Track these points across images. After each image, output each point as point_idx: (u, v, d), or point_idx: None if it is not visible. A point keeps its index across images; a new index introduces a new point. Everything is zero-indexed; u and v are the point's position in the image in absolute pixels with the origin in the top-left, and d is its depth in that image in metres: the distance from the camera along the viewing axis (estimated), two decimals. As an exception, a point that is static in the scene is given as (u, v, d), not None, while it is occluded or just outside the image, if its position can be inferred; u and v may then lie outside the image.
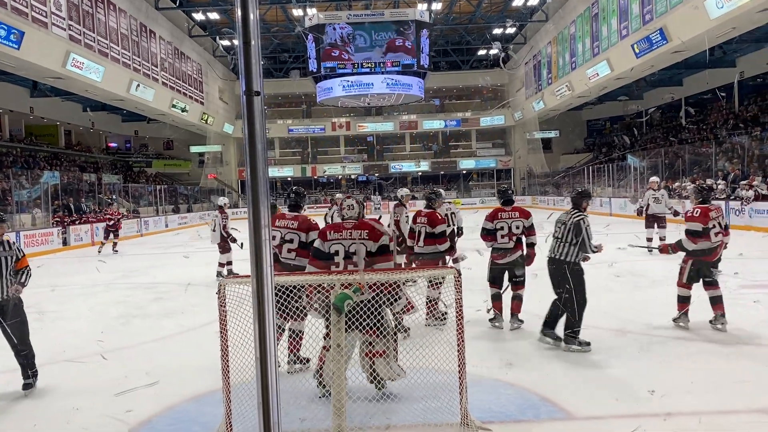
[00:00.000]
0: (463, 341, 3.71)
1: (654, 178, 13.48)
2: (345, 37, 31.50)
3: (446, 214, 8.01)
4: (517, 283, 6.36)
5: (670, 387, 4.44)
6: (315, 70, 32.48)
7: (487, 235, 6.37)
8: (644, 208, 12.69)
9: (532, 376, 4.86)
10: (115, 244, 17.28)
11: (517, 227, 6.28)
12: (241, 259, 12.32)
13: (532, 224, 6.38)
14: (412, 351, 4.06)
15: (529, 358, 5.42)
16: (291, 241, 5.22)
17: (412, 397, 4.16)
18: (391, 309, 4.18)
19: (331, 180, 45.07)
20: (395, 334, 4.36)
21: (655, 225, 12.44)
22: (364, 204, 4.83)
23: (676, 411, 4.01)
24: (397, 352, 4.31)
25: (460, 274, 3.80)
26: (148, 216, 28.03)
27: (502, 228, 6.29)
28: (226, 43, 35.58)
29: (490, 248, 6.44)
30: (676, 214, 12.04)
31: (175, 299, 9.11)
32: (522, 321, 6.39)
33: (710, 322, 6.15)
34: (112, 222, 17.30)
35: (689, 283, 6.18)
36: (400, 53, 31.77)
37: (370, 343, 4.17)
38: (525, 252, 6.38)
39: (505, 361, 5.26)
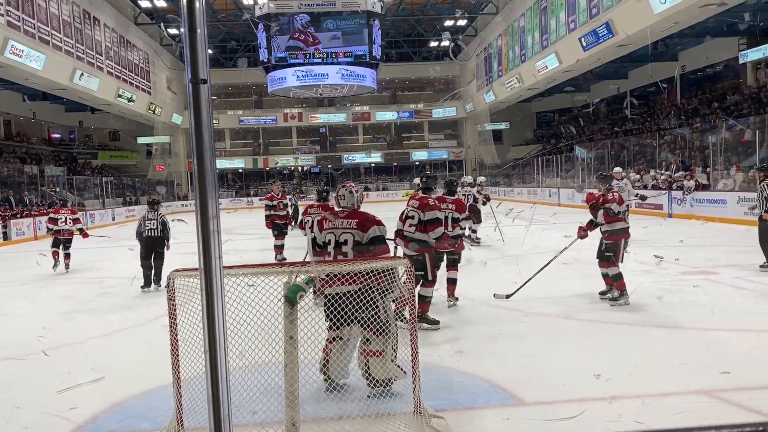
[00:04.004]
0: (416, 331, 3.75)
1: (617, 169, 14.28)
2: (305, 23, 31.23)
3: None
4: None
5: (614, 371, 4.57)
6: (266, 60, 32.02)
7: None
8: None
9: (483, 364, 4.93)
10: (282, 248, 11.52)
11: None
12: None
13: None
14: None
15: (479, 346, 5.50)
16: (412, 217, 6.23)
17: (366, 388, 4.17)
18: (384, 299, 4.03)
19: (284, 171, 44.61)
20: (396, 333, 4.17)
21: None
22: (360, 192, 4.68)
23: (621, 394, 4.14)
24: (396, 352, 4.17)
25: (412, 265, 3.82)
26: (94, 209, 27.25)
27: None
28: (173, 31, 34.73)
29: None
30: (643, 198, 13.27)
31: (121, 294, 8.89)
32: None
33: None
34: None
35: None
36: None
37: (368, 341, 4.08)
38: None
39: (456, 349, 5.32)
